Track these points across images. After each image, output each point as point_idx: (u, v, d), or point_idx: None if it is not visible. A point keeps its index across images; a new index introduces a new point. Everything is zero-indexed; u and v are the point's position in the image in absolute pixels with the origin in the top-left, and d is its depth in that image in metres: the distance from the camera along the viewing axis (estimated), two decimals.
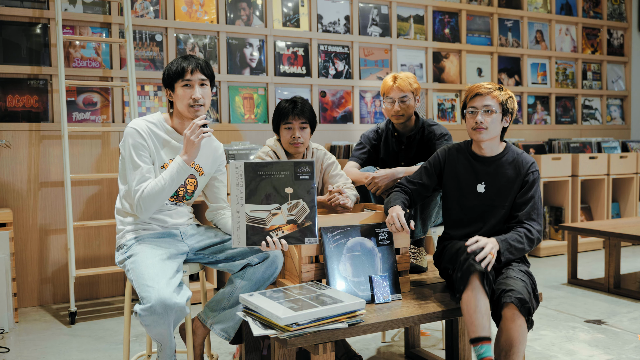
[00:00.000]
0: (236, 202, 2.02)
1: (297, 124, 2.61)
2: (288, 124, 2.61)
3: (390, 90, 2.85)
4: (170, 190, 2.21)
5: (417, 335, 2.93)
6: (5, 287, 3.35)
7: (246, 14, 4.55)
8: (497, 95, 2.33)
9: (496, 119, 2.32)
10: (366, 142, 3.01)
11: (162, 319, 2.00)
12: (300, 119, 2.60)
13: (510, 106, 2.35)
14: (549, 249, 5.26)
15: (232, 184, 2.01)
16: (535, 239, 2.28)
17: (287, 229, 2.09)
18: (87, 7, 4.04)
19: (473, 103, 2.34)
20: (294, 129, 2.61)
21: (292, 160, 2.06)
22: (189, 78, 2.26)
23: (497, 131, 2.35)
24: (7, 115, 3.82)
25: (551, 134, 6.05)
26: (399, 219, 2.23)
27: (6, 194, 3.80)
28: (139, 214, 2.22)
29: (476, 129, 2.33)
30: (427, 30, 5.34)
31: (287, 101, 2.65)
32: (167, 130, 2.32)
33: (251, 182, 2.03)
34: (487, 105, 2.31)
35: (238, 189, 2.02)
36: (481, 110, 2.32)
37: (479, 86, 2.36)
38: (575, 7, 6.27)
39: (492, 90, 2.33)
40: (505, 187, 2.35)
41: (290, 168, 2.05)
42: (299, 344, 1.84)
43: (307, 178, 2.06)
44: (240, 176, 2.01)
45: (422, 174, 2.49)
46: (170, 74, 2.29)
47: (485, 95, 2.33)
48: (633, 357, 2.84)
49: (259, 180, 2.03)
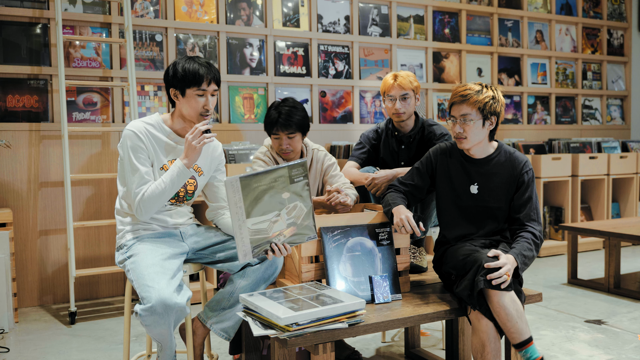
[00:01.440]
0: (237, 219, 1.97)
1: (284, 135, 2.60)
2: (275, 135, 2.61)
3: (391, 89, 2.85)
4: (170, 193, 2.21)
5: (417, 335, 2.93)
6: (5, 287, 3.34)
7: (246, 14, 4.55)
8: (475, 101, 2.24)
9: (476, 127, 2.27)
10: (366, 141, 3.01)
11: (163, 319, 2.00)
12: (286, 130, 2.59)
13: (491, 109, 2.26)
14: (549, 249, 5.26)
15: (230, 202, 1.95)
16: (540, 242, 2.28)
17: (288, 232, 2.08)
18: (87, 7, 4.04)
19: (452, 111, 2.30)
20: (281, 139, 2.61)
21: (285, 165, 2.02)
22: (204, 88, 2.24)
23: (480, 137, 2.30)
24: (7, 115, 3.82)
25: (551, 134, 6.05)
26: (409, 222, 2.21)
27: (6, 194, 3.81)
28: (139, 216, 2.22)
29: (457, 138, 2.31)
30: (427, 30, 5.34)
31: (276, 108, 2.61)
32: (166, 132, 2.31)
33: (249, 196, 1.97)
34: (464, 115, 2.26)
35: (237, 206, 1.96)
36: (459, 120, 2.27)
37: (455, 92, 2.29)
38: (575, 7, 6.27)
39: (469, 97, 2.25)
40: (499, 187, 2.33)
41: (284, 173, 2.02)
42: (299, 344, 1.84)
43: (301, 179, 2.05)
44: (237, 192, 1.95)
45: (414, 175, 2.46)
46: (183, 78, 2.23)
47: (460, 104, 2.27)
48: (633, 357, 2.84)
49: (256, 192, 1.98)
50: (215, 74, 2.27)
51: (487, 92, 2.28)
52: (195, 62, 2.25)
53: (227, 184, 1.94)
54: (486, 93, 2.27)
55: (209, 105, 2.26)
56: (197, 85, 2.23)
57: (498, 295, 2.06)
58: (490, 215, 2.35)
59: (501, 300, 2.06)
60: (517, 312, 2.07)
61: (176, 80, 2.25)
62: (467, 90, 2.27)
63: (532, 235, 2.27)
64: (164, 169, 2.28)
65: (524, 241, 2.24)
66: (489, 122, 2.30)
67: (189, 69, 2.23)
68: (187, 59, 2.27)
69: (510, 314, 2.05)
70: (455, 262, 2.25)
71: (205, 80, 2.23)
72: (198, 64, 2.24)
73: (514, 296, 2.09)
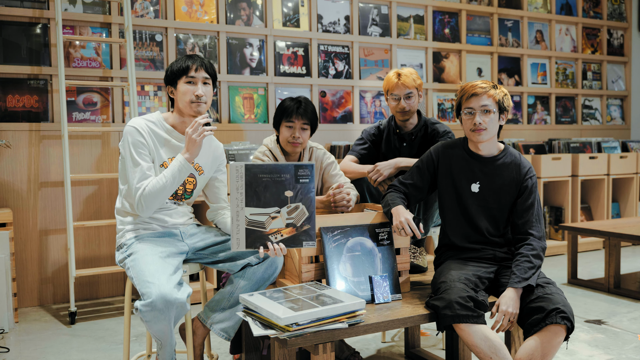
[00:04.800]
0: (236, 205, 2.00)
1: (299, 124, 2.61)
2: (290, 123, 2.61)
3: (395, 87, 2.84)
4: (171, 189, 2.21)
5: (417, 335, 2.93)
6: (5, 287, 3.35)
7: (246, 14, 4.56)
8: (494, 94, 2.27)
9: (494, 119, 2.28)
10: (367, 137, 3.00)
11: (163, 314, 2.00)
12: (302, 119, 2.60)
13: (506, 104, 2.31)
14: (549, 249, 5.26)
15: (232, 187, 1.99)
16: (540, 251, 2.22)
17: (286, 232, 2.08)
18: (87, 7, 4.04)
19: (469, 104, 2.28)
20: (294, 129, 2.61)
21: (293, 163, 2.04)
22: (192, 75, 2.27)
23: (495, 131, 2.31)
24: (7, 115, 3.82)
25: (551, 134, 6.05)
26: (409, 224, 2.20)
27: (6, 194, 3.81)
28: (140, 212, 2.21)
29: (475, 130, 2.27)
30: (427, 30, 5.34)
31: (292, 100, 2.64)
32: (167, 129, 2.32)
33: (251, 185, 2.00)
34: (485, 105, 2.26)
35: (238, 191, 1.99)
36: (479, 111, 2.26)
37: (474, 86, 2.29)
38: (575, 7, 6.27)
39: (488, 90, 2.27)
40: (501, 189, 2.32)
41: (291, 171, 2.03)
42: (299, 344, 1.84)
43: (307, 181, 2.05)
44: (240, 179, 1.98)
45: (414, 174, 2.44)
46: (174, 71, 2.29)
47: (481, 95, 2.26)
48: (633, 357, 2.84)
49: (259, 183, 2.00)
50: (204, 61, 2.31)
51: (500, 87, 2.33)
52: (185, 56, 2.32)
53: (231, 168, 1.96)
54: (500, 88, 2.32)
55: (199, 91, 2.28)
56: (185, 73, 2.27)
57: (464, 332, 2.01)
58: (488, 216, 2.33)
59: (468, 339, 2.01)
60: (491, 347, 2.00)
61: (170, 77, 2.31)
62: (484, 84, 2.30)
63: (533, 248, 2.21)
64: (164, 166, 2.28)
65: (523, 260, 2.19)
66: (502, 117, 2.32)
67: (177, 63, 2.30)
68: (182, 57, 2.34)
69: (482, 351, 2.00)
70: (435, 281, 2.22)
71: (192, 67, 2.28)
72: (186, 57, 2.31)
73: (486, 330, 2.02)
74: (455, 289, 2.07)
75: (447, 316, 2.02)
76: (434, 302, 2.09)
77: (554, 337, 2.04)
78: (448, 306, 2.02)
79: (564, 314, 2.03)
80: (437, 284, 2.18)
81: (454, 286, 2.09)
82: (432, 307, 2.10)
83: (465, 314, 2.01)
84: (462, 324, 2.01)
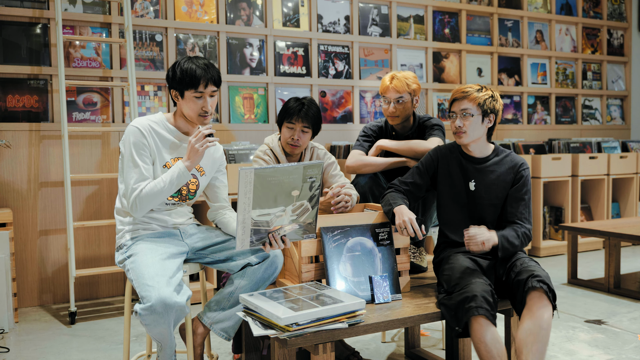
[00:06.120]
0: (243, 209, 1.97)
1: (300, 126, 2.61)
2: (291, 124, 2.62)
3: (387, 91, 2.84)
4: (168, 193, 2.22)
5: (417, 335, 2.93)
6: (5, 287, 3.34)
7: (246, 14, 4.55)
8: (475, 97, 2.34)
9: (475, 122, 2.34)
10: (370, 133, 3.00)
11: (163, 318, 2.00)
12: (303, 122, 2.61)
13: (490, 106, 2.35)
14: (549, 249, 5.26)
15: (240, 192, 1.95)
16: (527, 239, 2.32)
17: (289, 228, 2.09)
18: (87, 7, 4.04)
19: (452, 108, 2.39)
20: (295, 130, 2.62)
21: (302, 164, 2.02)
22: (201, 90, 2.24)
23: (479, 133, 2.36)
24: (7, 115, 3.82)
25: (551, 134, 6.05)
26: (412, 225, 2.23)
27: (6, 194, 3.80)
28: (133, 212, 2.22)
29: (456, 133, 2.37)
30: (427, 30, 5.34)
31: (297, 100, 2.65)
32: (170, 130, 2.32)
33: (260, 189, 1.97)
34: (464, 109, 2.34)
35: (246, 196, 1.96)
36: (459, 115, 2.35)
37: (457, 90, 2.39)
38: (575, 7, 6.27)
39: (470, 94, 2.35)
40: (496, 184, 2.37)
41: (299, 172, 2.01)
42: (299, 344, 1.84)
43: (314, 180, 2.05)
44: (249, 184, 1.95)
45: (414, 174, 2.50)
46: (181, 81, 2.23)
47: (461, 100, 2.35)
48: (633, 357, 2.84)
49: (267, 186, 1.98)
50: (214, 75, 2.26)
51: (486, 91, 2.39)
52: (194, 63, 2.24)
53: (240, 173, 1.92)
54: (486, 92, 2.38)
55: (207, 107, 2.27)
56: (194, 87, 2.23)
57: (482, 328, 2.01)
58: (486, 212, 2.38)
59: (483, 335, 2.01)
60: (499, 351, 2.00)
61: (175, 82, 2.26)
62: (468, 88, 2.38)
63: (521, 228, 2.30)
64: (166, 166, 2.28)
65: (511, 229, 2.29)
66: (487, 120, 2.37)
67: (186, 71, 2.23)
68: (187, 60, 2.26)
69: (489, 352, 2.00)
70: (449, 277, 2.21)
71: (202, 82, 2.23)
72: (196, 66, 2.23)
73: (497, 334, 2.04)
74: (479, 283, 2.09)
75: (472, 308, 2.01)
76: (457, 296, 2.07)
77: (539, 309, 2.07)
78: (473, 299, 2.03)
79: (538, 277, 2.09)
80: (455, 279, 2.17)
81: (476, 281, 2.11)
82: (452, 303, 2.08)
83: (489, 308, 2.03)
84: (482, 318, 2.02)
